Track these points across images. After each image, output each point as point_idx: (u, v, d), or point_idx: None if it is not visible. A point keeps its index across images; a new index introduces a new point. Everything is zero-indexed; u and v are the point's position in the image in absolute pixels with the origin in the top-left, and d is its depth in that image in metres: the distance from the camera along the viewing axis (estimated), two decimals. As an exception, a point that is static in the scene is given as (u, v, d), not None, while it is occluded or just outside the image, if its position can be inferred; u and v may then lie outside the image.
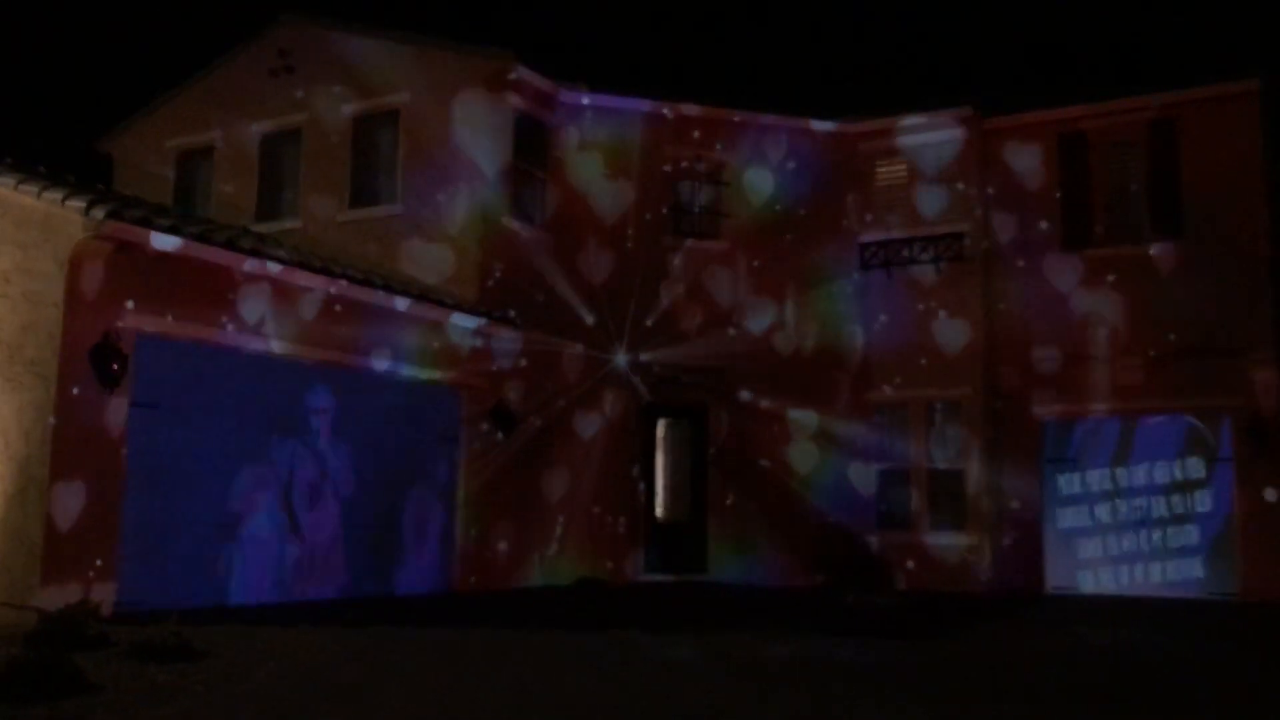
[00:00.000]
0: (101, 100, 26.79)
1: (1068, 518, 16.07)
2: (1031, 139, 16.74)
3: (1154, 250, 15.83)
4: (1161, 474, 15.67)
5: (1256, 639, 11.10)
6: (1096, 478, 16.02)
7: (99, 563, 10.00)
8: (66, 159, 16.28)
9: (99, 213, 9.83)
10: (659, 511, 17.00)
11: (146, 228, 10.30)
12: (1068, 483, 16.16)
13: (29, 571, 9.61)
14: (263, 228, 15.96)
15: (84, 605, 9.34)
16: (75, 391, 9.88)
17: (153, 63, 27.45)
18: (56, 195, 9.96)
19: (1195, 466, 15.49)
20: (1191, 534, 15.40)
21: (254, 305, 11.57)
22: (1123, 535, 15.78)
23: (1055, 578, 15.95)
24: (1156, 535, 15.59)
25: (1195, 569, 15.30)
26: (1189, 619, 12.54)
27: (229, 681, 7.03)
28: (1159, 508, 15.62)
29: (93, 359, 10.03)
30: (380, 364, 13.14)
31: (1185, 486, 15.51)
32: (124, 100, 19.25)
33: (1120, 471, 15.90)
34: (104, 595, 9.93)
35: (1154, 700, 7.25)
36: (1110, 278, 16.01)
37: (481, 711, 6.42)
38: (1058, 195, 16.52)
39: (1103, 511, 15.91)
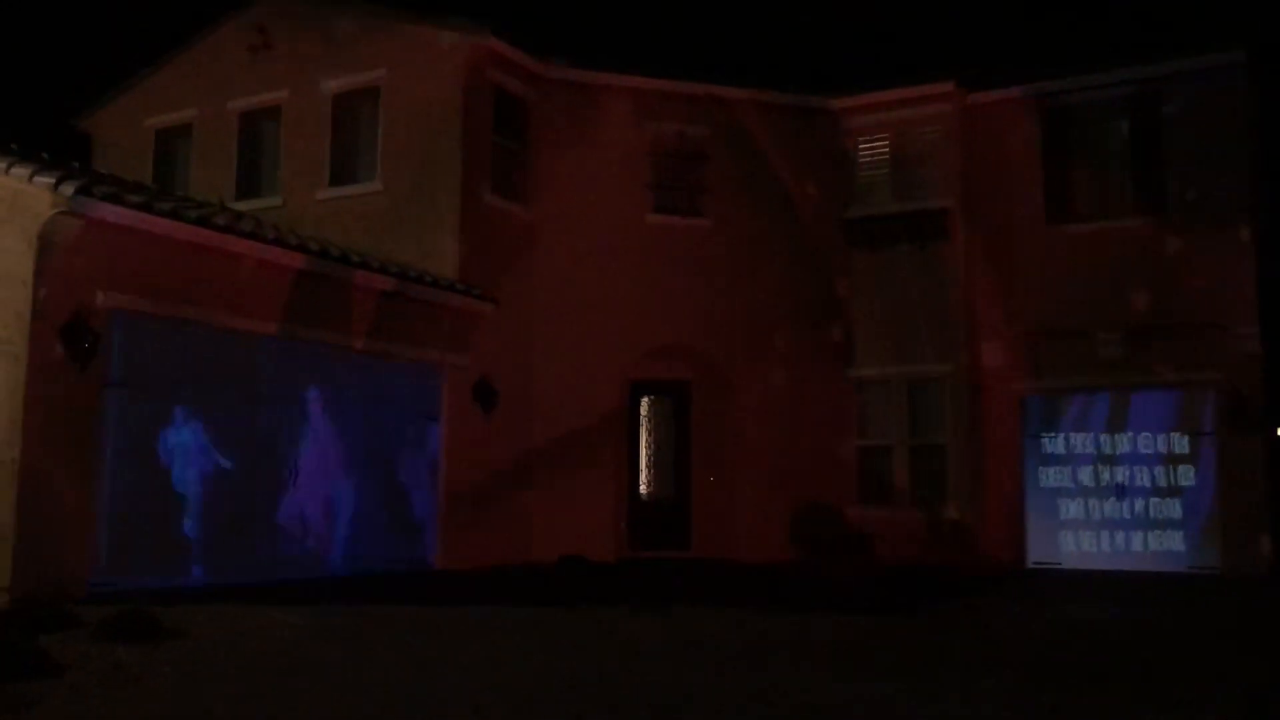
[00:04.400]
0: (80, 78, 26.57)
1: (1049, 492, 16.06)
2: (1015, 113, 16.63)
3: (1137, 224, 15.76)
4: (1144, 449, 15.65)
5: (1234, 615, 11.13)
6: (1078, 453, 16.02)
7: (72, 543, 9.93)
8: (45, 138, 16.15)
9: (68, 189, 9.72)
10: (642, 488, 16.98)
11: (116, 204, 10.19)
12: (1049, 458, 16.15)
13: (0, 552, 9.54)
14: (242, 206, 15.84)
15: (55, 586, 9.32)
16: (47, 370, 9.79)
17: (131, 40, 27.18)
18: (24, 171, 9.85)
19: (1178, 442, 15.47)
20: (1174, 509, 15.40)
21: (228, 282, 11.48)
22: (1104, 511, 15.78)
23: (1036, 552, 15.97)
24: (1139, 511, 15.59)
25: (1178, 544, 15.32)
26: (1168, 594, 12.56)
27: (196, 662, 7.00)
28: (1141, 483, 15.63)
29: (64, 337, 9.95)
30: (359, 342, 13.06)
31: (1168, 462, 15.50)
32: (102, 78, 19.04)
33: (1102, 447, 15.89)
34: (77, 576, 9.87)
35: (1126, 672, 7.25)
36: (1093, 253, 15.95)
37: (447, 690, 6.39)
38: (1041, 170, 16.43)
39: (1084, 486, 15.91)
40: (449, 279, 14.51)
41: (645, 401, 17.12)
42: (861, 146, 17.43)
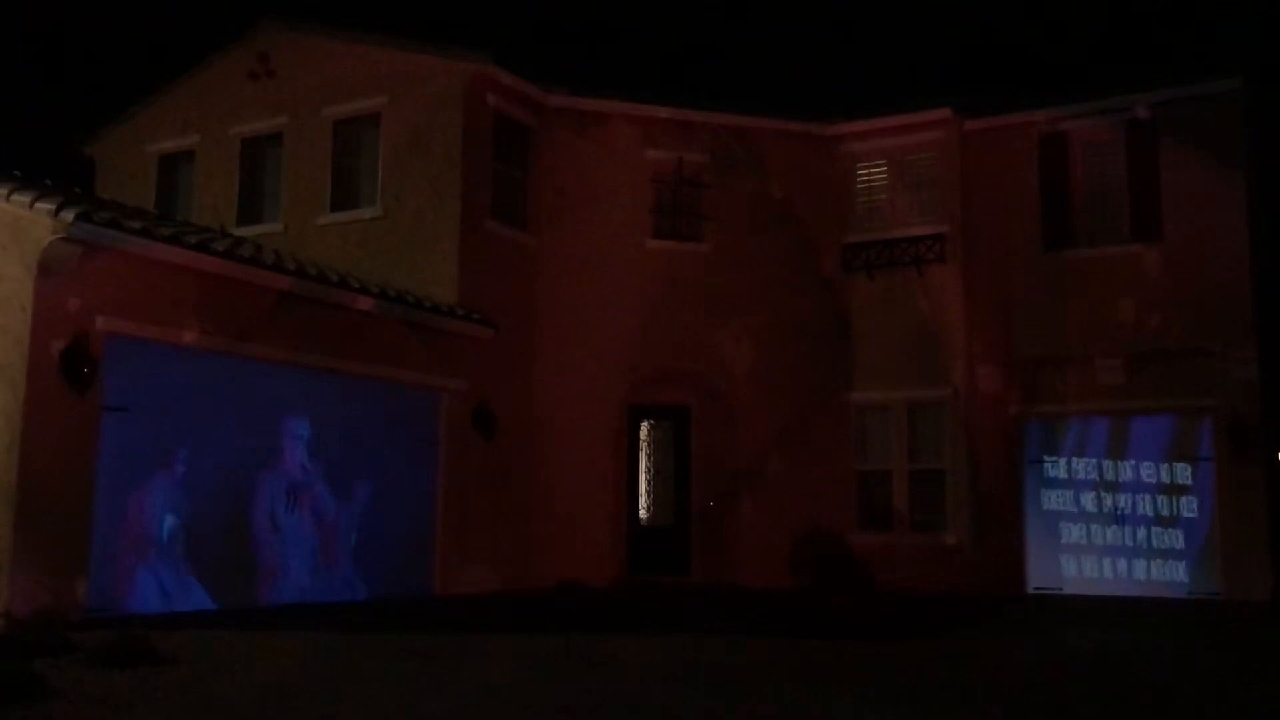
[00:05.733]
0: (84, 104, 26.72)
1: (1049, 517, 16.02)
2: (1012, 140, 16.70)
3: (1134, 250, 15.80)
4: (1143, 474, 15.63)
5: (1235, 641, 11.07)
6: (1078, 478, 15.99)
7: (68, 568, 9.92)
8: (48, 162, 16.27)
9: (68, 215, 9.77)
10: (642, 514, 16.95)
11: (116, 230, 10.24)
12: (1049, 483, 16.12)
13: (-3, 577, 9.53)
14: (243, 231, 15.91)
15: (51, 610, 9.30)
16: (45, 395, 9.81)
17: (134, 66, 27.37)
18: (25, 198, 9.90)
19: (1178, 468, 15.44)
20: (1174, 534, 15.36)
21: (227, 307, 11.51)
22: (1105, 536, 15.74)
23: (1037, 578, 15.92)
24: (1139, 535, 15.56)
25: (1177, 569, 15.27)
26: (1169, 620, 12.51)
27: (190, 688, 6.98)
28: (1141, 508, 15.59)
29: (63, 362, 9.98)
30: (358, 366, 13.07)
31: (1167, 487, 15.46)
32: (106, 104, 19.15)
33: (1102, 471, 15.87)
34: (74, 601, 9.86)
35: (1128, 699, 7.21)
36: (1090, 279, 15.98)
37: (442, 719, 6.37)
38: (1038, 196, 16.48)
39: (1084, 512, 15.88)
40: (448, 304, 14.55)
41: (645, 426, 17.12)
42: (860, 172, 17.51)
